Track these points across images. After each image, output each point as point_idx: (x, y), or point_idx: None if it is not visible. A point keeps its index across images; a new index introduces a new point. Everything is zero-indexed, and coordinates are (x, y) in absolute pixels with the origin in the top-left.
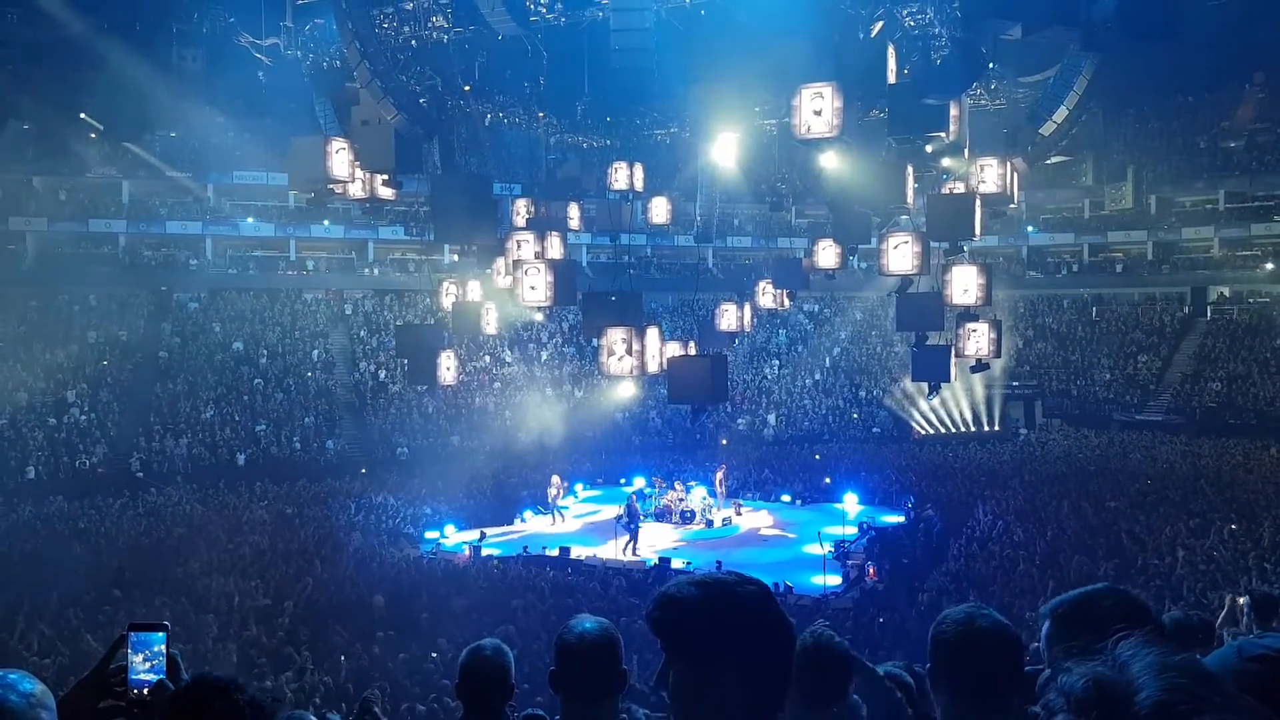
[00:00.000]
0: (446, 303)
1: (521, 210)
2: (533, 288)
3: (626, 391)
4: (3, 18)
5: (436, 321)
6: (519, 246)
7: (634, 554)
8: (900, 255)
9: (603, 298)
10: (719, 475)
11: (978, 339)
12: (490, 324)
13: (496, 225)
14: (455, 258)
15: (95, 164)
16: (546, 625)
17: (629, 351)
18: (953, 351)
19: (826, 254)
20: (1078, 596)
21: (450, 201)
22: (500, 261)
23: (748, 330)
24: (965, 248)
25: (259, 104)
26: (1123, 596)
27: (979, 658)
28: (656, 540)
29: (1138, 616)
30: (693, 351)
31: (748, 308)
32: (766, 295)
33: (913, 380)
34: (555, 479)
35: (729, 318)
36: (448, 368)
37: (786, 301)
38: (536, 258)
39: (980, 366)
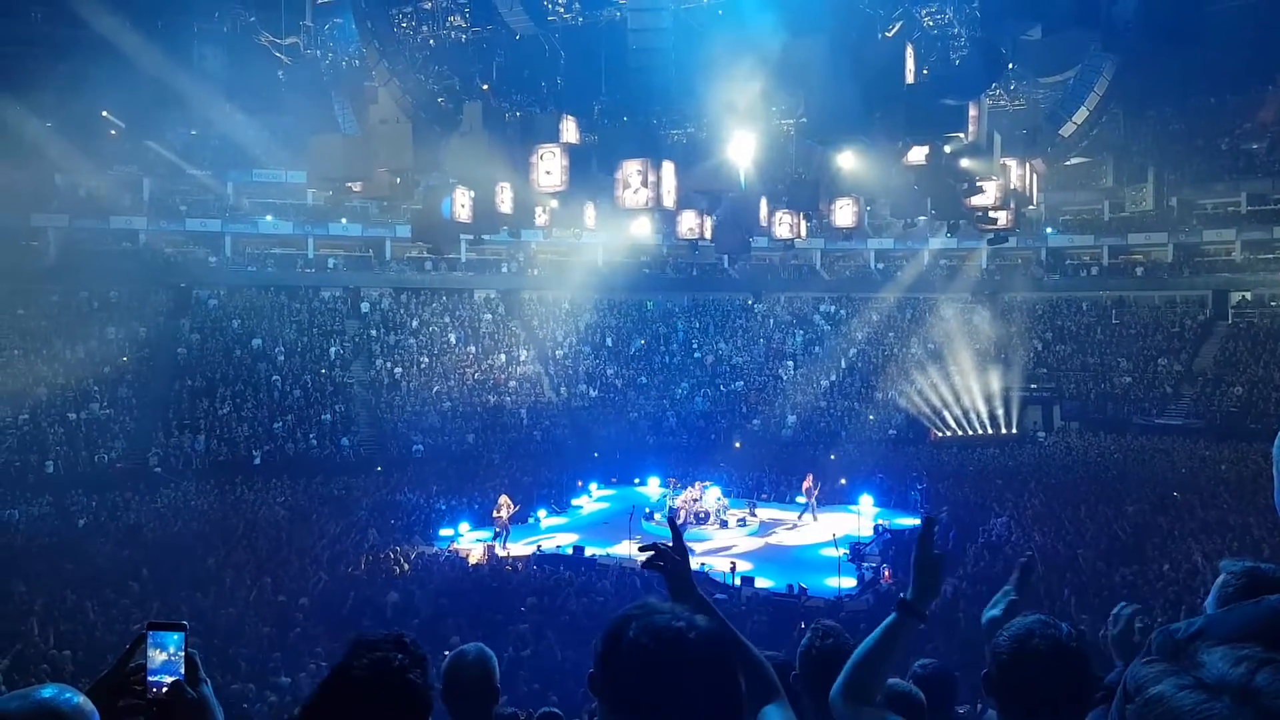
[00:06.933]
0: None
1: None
2: (548, 172)
3: (641, 229)
4: (26, 16)
5: None
6: None
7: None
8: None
9: (618, 126)
10: (807, 484)
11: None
12: (505, 203)
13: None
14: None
15: (116, 161)
16: (560, 623)
17: (644, 184)
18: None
19: (844, 212)
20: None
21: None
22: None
23: (761, 228)
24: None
25: (278, 102)
26: None
27: (1030, 681)
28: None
29: None
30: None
31: (765, 204)
32: (783, 225)
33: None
34: (504, 499)
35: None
36: (462, 204)
37: (803, 230)
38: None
39: (999, 239)
